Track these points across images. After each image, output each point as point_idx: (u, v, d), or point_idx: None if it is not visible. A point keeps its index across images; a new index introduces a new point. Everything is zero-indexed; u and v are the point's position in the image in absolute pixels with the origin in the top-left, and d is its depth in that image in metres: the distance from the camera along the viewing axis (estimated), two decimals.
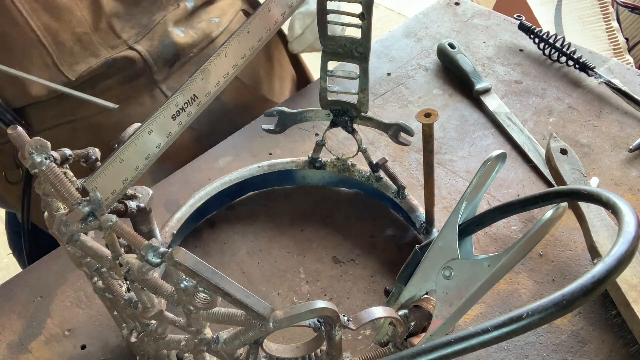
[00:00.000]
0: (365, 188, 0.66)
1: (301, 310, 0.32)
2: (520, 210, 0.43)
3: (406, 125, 0.58)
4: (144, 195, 0.44)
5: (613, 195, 0.33)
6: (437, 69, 0.84)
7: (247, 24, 0.40)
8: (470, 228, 0.45)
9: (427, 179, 0.53)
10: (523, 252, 0.37)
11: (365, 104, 0.58)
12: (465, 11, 0.96)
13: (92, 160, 0.41)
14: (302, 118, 0.62)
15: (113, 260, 0.34)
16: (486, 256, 0.38)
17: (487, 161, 0.42)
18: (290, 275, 0.59)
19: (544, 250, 0.61)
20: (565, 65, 0.83)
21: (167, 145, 0.38)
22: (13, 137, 0.32)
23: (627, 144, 0.72)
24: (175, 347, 0.39)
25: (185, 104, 0.38)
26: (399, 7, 2.78)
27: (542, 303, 0.26)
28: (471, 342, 0.27)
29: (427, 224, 0.58)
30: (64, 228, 0.34)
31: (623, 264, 0.26)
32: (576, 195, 0.38)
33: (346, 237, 0.63)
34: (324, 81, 0.58)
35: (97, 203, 0.32)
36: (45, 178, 0.32)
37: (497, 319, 0.27)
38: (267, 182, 0.67)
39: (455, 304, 0.39)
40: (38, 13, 0.63)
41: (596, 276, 0.26)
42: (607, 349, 0.52)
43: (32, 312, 0.56)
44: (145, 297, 0.35)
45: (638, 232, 0.28)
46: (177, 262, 0.30)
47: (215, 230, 0.64)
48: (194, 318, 0.34)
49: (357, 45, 0.54)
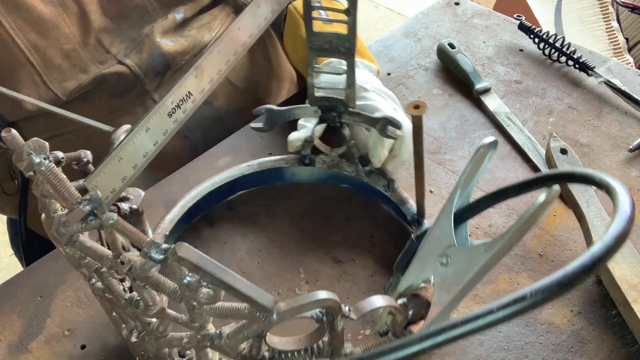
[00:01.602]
0: (355, 183, 0.66)
1: (304, 301, 0.33)
2: (515, 194, 0.44)
3: (393, 119, 0.59)
4: (136, 197, 0.44)
5: (606, 175, 0.34)
6: (437, 69, 0.84)
7: (238, 20, 0.41)
8: (465, 215, 0.45)
9: (417, 171, 0.54)
10: (518, 236, 0.38)
11: (352, 99, 0.59)
12: (465, 11, 0.96)
13: (83, 162, 0.41)
14: (290, 115, 0.63)
15: (114, 259, 0.34)
16: (482, 242, 0.39)
17: (480, 148, 0.43)
18: (290, 275, 0.59)
19: (543, 250, 0.61)
20: (565, 65, 0.83)
21: (164, 143, 0.39)
22: (8, 140, 0.32)
23: (627, 144, 0.72)
24: (178, 344, 0.39)
25: (180, 101, 0.39)
26: (399, 7, 2.78)
27: (544, 283, 0.27)
28: (478, 323, 0.28)
29: (418, 216, 0.59)
30: (62, 229, 0.34)
31: (620, 242, 0.28)
32: (569, 177, 0.38)
33: (346, 237, 0.62)
34: (312, 78, 0.58)
35: (98, 202, 0.32)
36: (45, 178, 0.32)
37: (501, 300, 0.27)
38: (256, 180, 0.67)
39: (453, 290, 0.40)
40: (24, 30, 0.62)
41: (595, 255, 0.27)
42: (607, 349, 0.52)
43: (32, 312, 0.56)
44: (147, 295, 0.35)
45: (633, 211, 0.29)
46: (180, 257, 0.30)
47: (215, 230, 0.64)
48: (198, 313, 0.34)
49: (343, 40, 0.55)
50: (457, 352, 0.52)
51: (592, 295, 0.56)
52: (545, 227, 0.63)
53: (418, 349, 0.28)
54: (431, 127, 0.75)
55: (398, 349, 0.29)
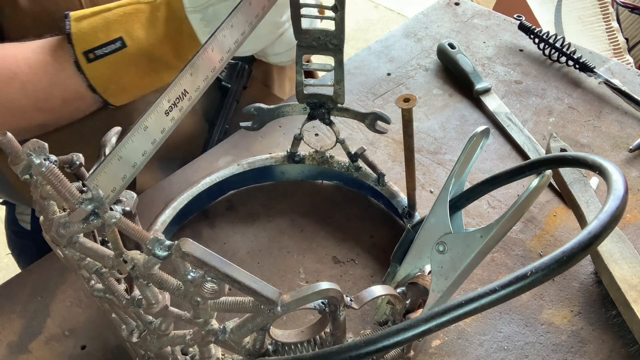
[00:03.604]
0: (345, 178, 0.66)
1: (307, 292, 0.33)
2: (508, 181, 0.45)
3: (382, 113, 0.59)
4: (129, 199, 0.44)
5: (598, 157, 0.35)
6: (437, 69, 0.84)
7: (231, 17, 0.41)
8: (460, 203, 0.46)
9: (408, 163, 0.54)
10: (512, 221, 0.39)
11: (341, 95, 0.59)
12: (465, 11, 0.96)
13: (76, 165, 0.41)
14: (279, 113, 0.63)
15: (116, 258, 0.34)
16: (478, 228, 0.40)
17: (473, 137, 0.44)
18: (290, 275, 0.59)
19: (543, 250, 0.61)
20: (565, 65, 0.83)
21: (161, 142, 0.39)
22: (3, 144, 0.32)
23: (627, 144, 0.72)
24: (181, 342, 0.39)
25: (176, 100, 0.39)
26: (399, 7, 2.78)
27: (543, 261, 0.28)
28: (481, 302, 0.29)
29: (409, 208, 0.59)
30: (62, 230, 0.34)
31: (615, 220, 0.29)
32: (562, 161, 0.39)
33: (346, 237, 0.63)
34: (300, 75, 0.58)
35: (100, 201, 0.32)
36: (46, 179, 0.32)
37: (503, 279, 0.28)
38: (247, 179, 0.67)
39: (451, 276, 0.41)
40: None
41: (592, 232, 0.28)
42: (607, 349, 0.52)
43: (32, 312, 0.56)
44: (149, 294, 0.35)
45: (626, 190, 0.31)
46: (185, 253, 0.30)
47: (215, 230, 0.64)
48: (202, 309, 0.34)
49: (331, 37, 0.55)
50: (457, 352, 0.52)
51: (592, 295, 0.56)
52: (545, 227, 0.63)
53: (424, 328, 0.29)
54: (431, 127, 0.76)
55: (405, 329, 0.29)
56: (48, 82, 0.58)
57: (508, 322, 0.54)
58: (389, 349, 0.31)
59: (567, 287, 0.57)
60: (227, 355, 0.42)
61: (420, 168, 0.70)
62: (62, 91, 0.59)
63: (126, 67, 0.58)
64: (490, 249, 0.40)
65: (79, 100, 0.61)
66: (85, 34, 0.56)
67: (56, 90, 0.59)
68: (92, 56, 0.56)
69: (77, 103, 0.61)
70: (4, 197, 0.88)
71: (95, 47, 0.56)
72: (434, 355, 0.52)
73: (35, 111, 0.60)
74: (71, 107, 0.61)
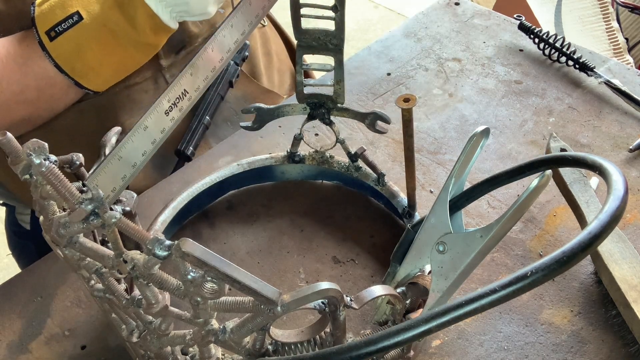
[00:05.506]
0: (345, 178, 0.66)
1: (307, 292, 0.33)
2: (508, 181, 0.45)
3: (382, 113, 0.59)
4: (129, 199, 0.44)
5: (598, 157, 0.35)
6: (438, 69, 0.84)
7: (231, 17, 0.41)
8: (460, 202, 0.47)
9: (408, 163, 0.55)
10: (512, 221, 0.39)
11: (341, 95, 0.59)
12: (465, 11, 0.96)
13: (76, 165, 0.41)
14: (279, 113, 0.63)
15: (116, 258, 0.34)
16: (478, 228, 0.40)
17: (473, 137, 0.44)
18: (290, 275, 0.59)
19: (543, 251, 0.61)
20: (565, 65, 0.83)
21: (161, 141, 0.39)
22: (3, 144, 0.32)
23: (627, 144, 0.72)
24: (181, 342, 0.39)
25: (176, 100, 0.39)
26: (399, 7, 2.78)
27: (543, 261, 0.28)
28: (481, 302, 0.29)
29: (409, 208, 0.59)
30: (62, 230, 0.34)
31: (615, 220, 0.29)
32: (562, 161, 0.39)
33: (346, 237, 0.63)
34: (300, 75, 0.58)
35: (100, 201, 0.32)
36: (46, 179, 0.32)
37: (503, 279, 0.28)
38: (247, 179, 0.67)
39: (451, 276, 0.41)
40: None
41: (592, 232, 0.28)
42: (607, 349, 0.52)
43: (32, 312, 0.56)
44: (149, 294, 0.35)
45: (626, 190, 0.30)
46: (185, 253, 0.30)
47: (215, 230, 0.64)
48: (202, 309, 0.34)
49: (331, 37, 0.55)
50: (457, 352, 0.52)
51: (592, 295, 0.56)
52: (545, 227, 0.63)
53: (424, 329, 0.29)
54: (431, 127, 0.76)
55: (405, 330, 0.29)
56: (20, 72, 0.59)
57: (508, 322, 0.54)
58: (389, 349, 0.31)
59: (567, 287, 0.57)
60: (227, 355, 0.42)
61: (420, 168, 0.70)
62: (34, 79, 0.60)
63: (87, 41, 0.59)
64: (490, 249, 0.40)
65: (51, 86, 0.61)
66: (45, 14, 0.58)
67: (29, 79, 0.60)
68: (53, 34, 0.57)
69: (51, 90, 0.62)
70: (3, 199, 0.88)
71: (55, 24, 0.57)
72: (434, 355, 0.52)
73: (14, 105, 0.61)
74: (46, 95, 0.62)
